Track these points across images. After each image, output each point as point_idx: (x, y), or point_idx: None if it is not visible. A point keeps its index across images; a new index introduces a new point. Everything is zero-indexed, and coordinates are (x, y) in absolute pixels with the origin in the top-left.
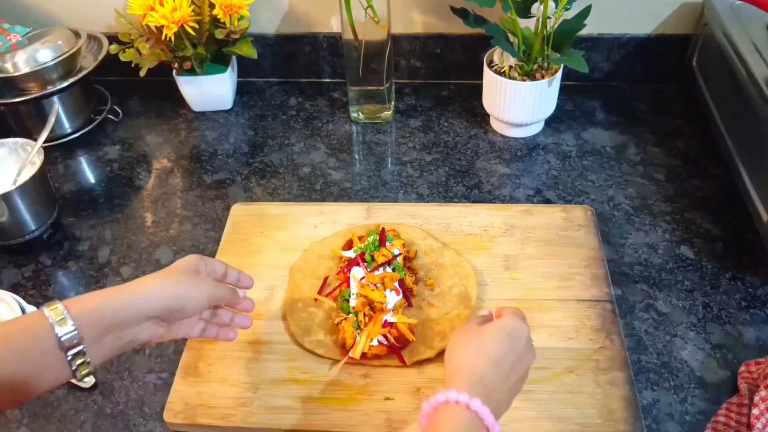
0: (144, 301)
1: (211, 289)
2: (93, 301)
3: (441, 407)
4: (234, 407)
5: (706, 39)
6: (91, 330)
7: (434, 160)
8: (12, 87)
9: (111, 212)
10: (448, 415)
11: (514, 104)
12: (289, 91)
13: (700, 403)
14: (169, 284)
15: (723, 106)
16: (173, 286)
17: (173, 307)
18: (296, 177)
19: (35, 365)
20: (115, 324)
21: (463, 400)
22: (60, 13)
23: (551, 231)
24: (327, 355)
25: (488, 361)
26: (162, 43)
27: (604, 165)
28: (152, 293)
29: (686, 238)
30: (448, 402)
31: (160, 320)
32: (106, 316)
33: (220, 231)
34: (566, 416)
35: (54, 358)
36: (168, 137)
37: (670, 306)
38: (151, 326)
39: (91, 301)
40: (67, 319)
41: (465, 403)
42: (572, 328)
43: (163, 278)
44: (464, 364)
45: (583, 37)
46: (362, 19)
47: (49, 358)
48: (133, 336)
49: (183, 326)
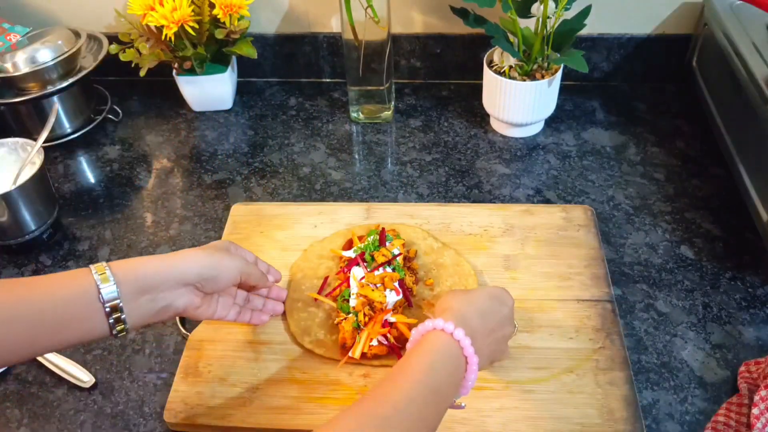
0: (179, 266)
1: (243, 263)
2: (133, 263)
3: (427, 334)
4: (234, 407)
5: (706, 39)
6: (127, 287)
7: (434, 160)
8: (12, 87)
9: (111, 212)
10: (431, 340)
11: (514, 104)
12: (289, 91)
13: (700, 403)
14: (204, 254)
15: (723, 106)
16: (207, 256)
17: (207, 275)
18: (296, 177)
19: (75, 315)
20: (150, 285)
21: (448, 329)
22: (60, 13)
23: (551, 231)
24: (327, 355)
25: (475, 310)
26: (162, 43)
27: (604, 165)
28: (187, 260)
29: (686, 238)
30: (435, 329)
31: (196, 289)
32: (143, 276)
33: (220, 231)
34: (566, 416)
35: (93, 311)
36: (168, 137)
37: (670, 306)
38: (187, 294)
39: (132, 263)
40: (109, 276)
41: (449, 331)
42: (572, 328)
43: (197, 250)
44: (453, 307)
45: (583, 37)
46: (362, 19)
47: (88, 311)
48: (169, 300)
49: (219, 305)
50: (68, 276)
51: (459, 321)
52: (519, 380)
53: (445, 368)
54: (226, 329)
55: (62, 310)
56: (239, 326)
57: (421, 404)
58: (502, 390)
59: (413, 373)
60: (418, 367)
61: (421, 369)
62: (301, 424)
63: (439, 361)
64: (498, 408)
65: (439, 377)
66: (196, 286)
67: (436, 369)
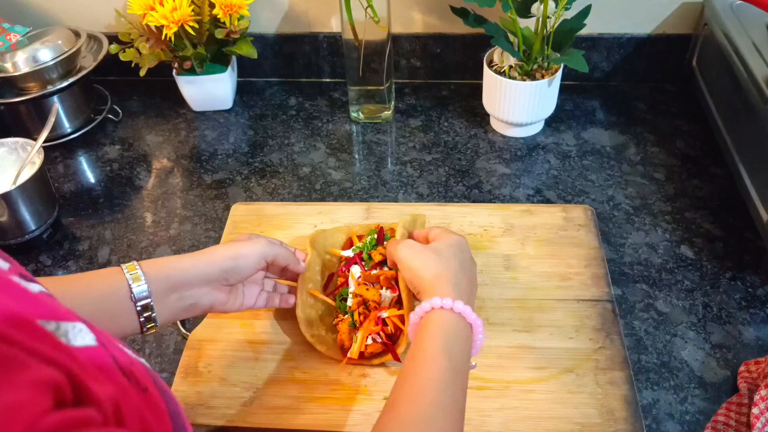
0: (201, 264)
1: (264, 246)
2: (161, 263)
3: (428, 315)
4: (234, 407)
5: (706, 39)
6: (157, 286)
7: (434, 159)
8: (12, 87)
9: (111, 212)
10: (435, 320)
11: (514, 104)
12: (289, 91)
13: (700, 403)
14: (223, 249)
15: (723, 106)
16: (226, 250)
17: (228, 267)
18: (296, 177)
19: (108, 312)
20: (178, 284)
21: (448, 305)
22: (60, 13)
23: (551, 231)
24: (327, 354)
25: (456, 270)
26: (162, 42)
27: (604, 165)
28: (208, 258)
29: (686, 238)
30: (434, 309)
31: (220, 285)
32: (171, 275)
33: (220, 231)
34: (566, 416)
35: (125, 309)
36: (168, 137)
37: (670, 306)
38: (212, 292)
39: (160, 262)
40: (140, 276)
41: (449, 307)
42: (572, 327)
43: (220, 246)
44: (440, 276)
45: (582, 37)
46: (362, 19)
47: (121, 308)
48: (196, 299)
49: (246, 296)
50: (101, 274)
51: (453, 290)
52: (519, 380)
53: (458, 345)
54: (226, 329)
55: (96, 307)
56: (239, 326)
57: (452, 389)
58: (502, 390)
59: (435, 360)
60: (436, 352)
61: (440, 354)
62: (302, 424)
63: (452, 338)
64: (498, 408)
65: (456, 356)
66: (219, 281)
67: (452, 348)
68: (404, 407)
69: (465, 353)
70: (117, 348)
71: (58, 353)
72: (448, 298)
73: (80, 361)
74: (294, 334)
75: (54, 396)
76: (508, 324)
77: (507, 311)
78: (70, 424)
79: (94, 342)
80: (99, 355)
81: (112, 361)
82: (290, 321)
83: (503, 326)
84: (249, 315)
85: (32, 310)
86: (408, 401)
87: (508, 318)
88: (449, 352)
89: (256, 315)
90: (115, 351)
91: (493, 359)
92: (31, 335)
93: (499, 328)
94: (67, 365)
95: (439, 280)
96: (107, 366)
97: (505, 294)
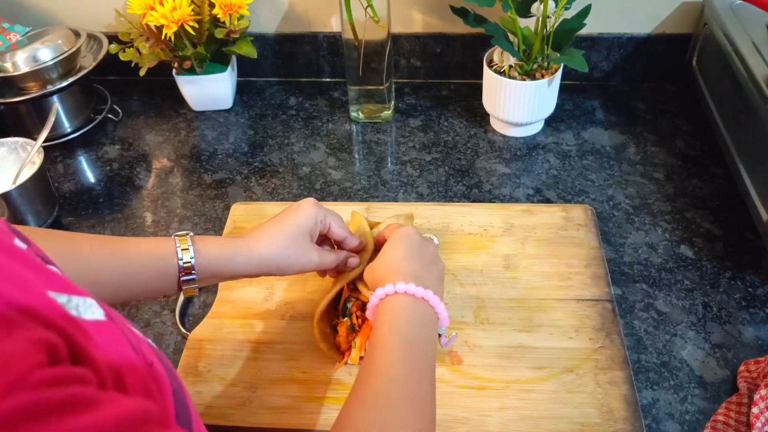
0: (249, 262)
1: (314, 261)
2: (213, 246)
3: (377, 308)
4: (234, 407)
5: (706, 39)
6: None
7: (434, 159)
8: (12, 86)
9: (111, 212)
10: (383, 309)
11: (514, 104)
12: (289, 91)
13: (700, 403)
14: (276, 252)
15: (723, 106)
16: (277, 255)
17: (272, 273)
18: (296, 176)
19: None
20: (222, 273)
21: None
22: (60, 13)
23: (551, 230)
24: (328, 353)
25: (409, 259)
26: (162, 42)
27: (603, 164)
28: (258, 257)
29: (686, 238)
30: (381, 300)
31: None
32: (217, 264)
33: (220, 230)
34: (566, 416)
35: (167, 274)
36: (168, 137)
37: (669, 305)
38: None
39: (212, 245)
40: (190, 251)
41: (393, 291)
42: (572, 327)
43: (274, 242)
44: (391, 268)
45: (582, 37)
46: (362, 19)
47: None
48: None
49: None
50: (153, 242)
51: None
52: (519, 380)
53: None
54: (226, 329)
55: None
56: (239, 326)
57: (404, 362)
58: (502, 390)
59: (385, 341)
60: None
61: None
62: (301, 424)
63: (400, 318)
64: (498, 408)
65: (409, 333)
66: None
67: (403, 327)
68: (362, 387)
69: (420, 327)
70: (126, 326)
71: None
72: (390, 284)
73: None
74: (294, 334)
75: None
76: (508, 324)
77: (507, 311)
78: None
79: (103, 317)
80: (108, 329)
81: (121, 335)
82: (290, 321)
83: (503, 326)
84: (249, 315)
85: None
86: (365, 382)
87: (508, 318)
88: (399, 331)
89: (257, 316)
90: (124, 327)
91: (493, 359)
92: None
93: (499, 328)
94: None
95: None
96: (116, 339)
97: (505, 294)
